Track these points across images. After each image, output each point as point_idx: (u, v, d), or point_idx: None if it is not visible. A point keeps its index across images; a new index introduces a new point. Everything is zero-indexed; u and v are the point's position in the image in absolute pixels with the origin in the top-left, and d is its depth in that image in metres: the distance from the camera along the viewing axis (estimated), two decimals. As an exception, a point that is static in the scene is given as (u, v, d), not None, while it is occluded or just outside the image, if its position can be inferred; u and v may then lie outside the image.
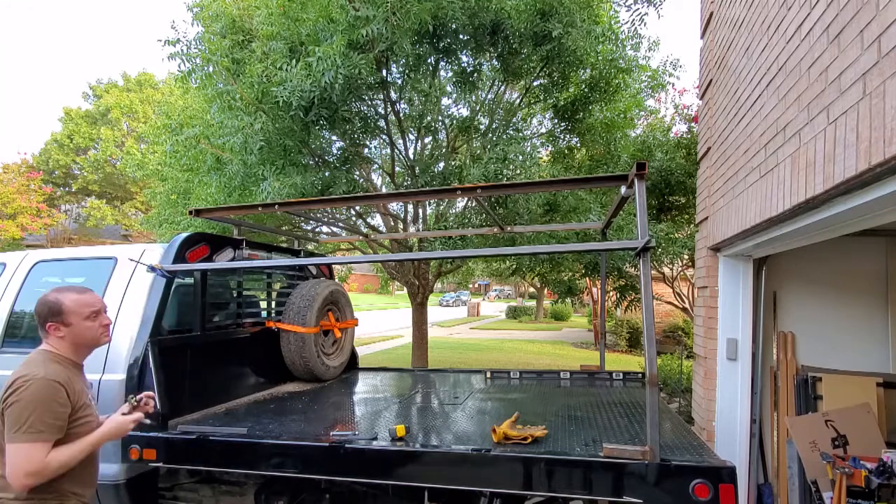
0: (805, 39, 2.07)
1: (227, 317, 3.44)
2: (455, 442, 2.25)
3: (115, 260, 2.93)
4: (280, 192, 5.09)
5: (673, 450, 2.02)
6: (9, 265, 3.16)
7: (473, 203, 6.77)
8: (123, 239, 21.61)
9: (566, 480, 1.94)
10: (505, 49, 5.82)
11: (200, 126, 6.18)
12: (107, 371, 2.61)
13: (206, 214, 3.17)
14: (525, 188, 3.48)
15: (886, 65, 1.44)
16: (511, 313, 27.60)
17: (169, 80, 18.71)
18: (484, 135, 6.85)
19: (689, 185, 7.50)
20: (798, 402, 3.36)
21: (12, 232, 15.72)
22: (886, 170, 1.47)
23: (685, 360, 7.24)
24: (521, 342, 16.55)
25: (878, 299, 3.47)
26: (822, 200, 1.91)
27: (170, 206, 7.49)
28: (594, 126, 6.98)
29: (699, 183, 4.21)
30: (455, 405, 2.96)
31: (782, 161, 2.26)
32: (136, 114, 20.67)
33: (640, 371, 3.73)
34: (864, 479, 2.59)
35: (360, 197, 3.25)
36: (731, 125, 3.27)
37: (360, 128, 6.36)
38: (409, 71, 5.81)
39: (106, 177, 21.34)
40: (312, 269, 4.26)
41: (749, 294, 3.52)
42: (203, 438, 2.35)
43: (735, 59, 3.22)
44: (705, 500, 1.78)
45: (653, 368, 1.89)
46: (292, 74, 4.72)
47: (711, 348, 3.67)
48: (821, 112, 1.89)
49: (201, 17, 5.55)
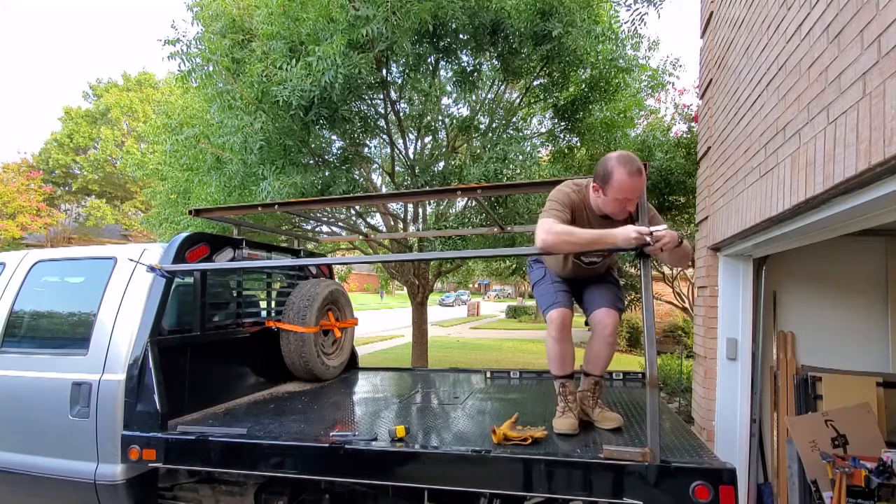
0: (805, 39, 2.07)
1: (227, 317, 3.44)
2: (455, 443, 2.25)
3: (114, 260, 2.92)
4: (280, 191, 5.09)
5: (673, 451, 2.02)
6: (8, 265, 3.15)
7: (473, 203, 6.77)
8: (123, 238, 21.60)
9: (566, 482, 1.93)
10: (505, 49, 5.81)
11: (200, 125, 6.17)
12: (106, 371, 2.61)
13: (206, 214, 3.17)
14: (525, 188, 3.48)
15: (886, 64, 1.44)
16: (511, 313, 27.61)
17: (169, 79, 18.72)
18: (484, 134, 6.85)
19: (689, 185, 7.49)
20: (798, 402, 3.36)
21: (12, 231, 15.70)
22: (886, 169, 1.47)
23: (685, 359, 7.24)
24: (521, 342, 16.55)
25: (878, 299, 3.47)
26: (822, 200, 1.91)
27: (170, 205, 7.49)
28: (594, 126, 6.98)
29: (699, 183, 4.21)
30: (455, 405, 2.96)
31: (782, 161, 2.26)
32: (136, 113, 20.64)
33: (640, 371, 3.72)
34: (864, 478, 2.59)
35: (360, 197, 3.25)
36: (731, 125, 3.26)
37: (360, 127, 6.36)
38: (409, 70, 5.80)
39: (106, 176, 21.32)
40: (312, 269, 4.25)
41: (749, 294, 3.52)
42: (203, 439, 2.35)
43: (735, 59, 3.22)
44: (705, 501, 1.78)
45: (653, 370, 1.89)
46: (292, 74, 4.72)
47: (711, 348, 3.67)
48: (821, 112, 1.88)
49: (201, 17, 5.54)
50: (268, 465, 2.29)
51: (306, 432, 2.44)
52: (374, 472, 2.17)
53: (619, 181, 2.07)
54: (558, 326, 2.35)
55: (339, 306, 3.97)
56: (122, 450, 2.43)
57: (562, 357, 2.42)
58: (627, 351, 14.03)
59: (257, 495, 2.63)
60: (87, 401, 2.59)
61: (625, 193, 2.10)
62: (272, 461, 2.27)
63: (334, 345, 3.97)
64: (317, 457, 2.21)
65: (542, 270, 2.64)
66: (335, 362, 3.88)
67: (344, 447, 2.15)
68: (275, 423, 2.59)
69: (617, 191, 2.10)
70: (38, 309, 3.05)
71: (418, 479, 2.14)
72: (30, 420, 2.74)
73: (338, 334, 3.95)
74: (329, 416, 2.79)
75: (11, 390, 2.79)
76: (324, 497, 2.60)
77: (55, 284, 3.13)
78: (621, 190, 2.09)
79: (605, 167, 2.11)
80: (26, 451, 2.72)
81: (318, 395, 3.33)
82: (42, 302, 3.06)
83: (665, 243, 1.98)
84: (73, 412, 2.61)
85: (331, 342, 3.93)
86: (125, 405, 2.54)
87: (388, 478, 2.18)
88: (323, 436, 2.34)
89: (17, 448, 2.74)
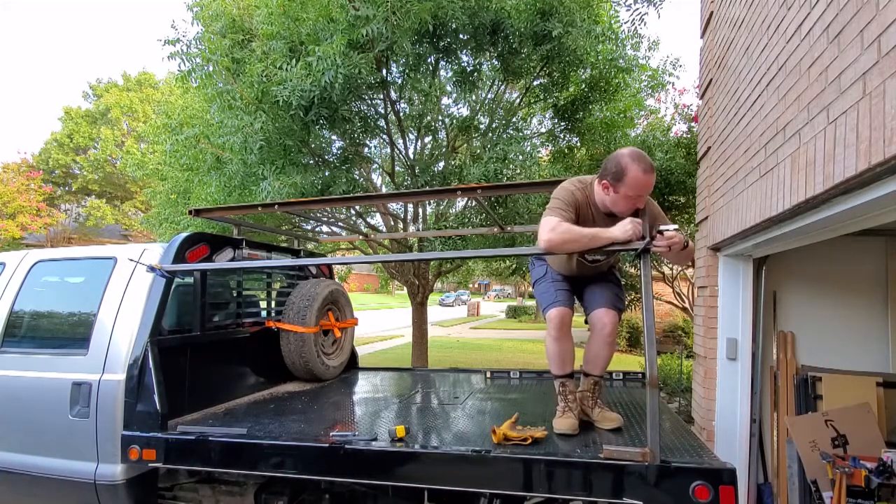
0: (805, 39, 2.07)
1: (227, 317, 3.44)
2: (455, 442, 2.25)
3: (114, 260, 2.92)
4: (280, 191, 5.09)
5: (673, 451, 2.02)
6: (8, 265, 3.15)
7: (473, 203, 6.77)
8: (123, 238, 21.60)
9: (566, 482, 1.93)
10: (505, 49, 5.81)
11: (200, 125, 6.17)
12: (106, 371, 2.61)
13: (206, 214, 3.17)
14: (525, 188, 3.48)
15: (886, 64, 1.44)
16: (511, 313, 27.61)
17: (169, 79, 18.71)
18: (484, 134, 6.85)
19: (689, 185, 7.49)
20: (798, 402, 3.36)
21: (12, 231, 15.70)
22: (886, 169, 1.47)
23: (685, 359, 7.24)
24: (521, 342, 16.55)
25: (878, 299, 3.47)
26: (822, 200, 1.91)
27: (170, 205, 7.49)
28: (594, 126, 6.98)
29: (699, 183, 4.20)
30: (455, 405, 2.96)
31: (782, 161, 2.26)
32: (136, 113, 20.64)
33: (640, 371, 3.72)
34: (864, 478, 2.59)
35: (360, 197, 3.25)
36: (731, 125, 3.26)
37: (360, 127, 6.36)
38: (409, 70, 5.80)
39: (106, 176, 21.32)
40: (312, 269, 4.25)
41: (749, 294, 3.51)
42: (203, 438, 2.35)
43: (735, 59, 3.22)
44: (705, 501, 1.78)
45: (653, 370, 1.89)
46: (292, 74, 4.72)
47: (711, 348, 3.67)
48: (821, 112, 1.88)
49: (201, 17, 5.54)
50: (268, 465, 2.29)
51: (306, 432, 2.43)
52: (374, 472, 2.17)
53: (635, 178, 2.06)
54: (557, 325, 2.35)
55: (339, 306, 3.97)
56: (122, 450, 2.43)
57: (561, 356, 2.41)
58: (627, 351, 14.03)
59: (257, 495, 2.63)
60: (87, 401, 2.59)
61: (638, 190, 2.09)
62: (272, 461, 2.27)
63: (334, 345, 3.97)
64: (317, 457, 2.21)
65: (544, 268, 2.63)
66: (335, 362, 3.88)
67: (344, 447, 2.15)
68: (275, 423, 2.59)
69: (631, 188, 2.08)
70: (39, 309, 3.05)
71: (418, 479, 2.13)
72: (30, 420, 2.74)
73: (338, 334, 3.95)
74: (329, 416, 2.79)
75: (11, 390, 2.79)
76: (324, 497, 2.60)
77: (55, 284, 3.13)
78: (636, 187, 2.07)
79: (619, 164, 2.08)
80: (26, 451, 2.72)
81: (318, 395, 3.33)
82: (42, 302, 3.06)
83: (675, 243, 1.99)
84: (73, 412, 2.61)
85: (331, 342, 3.93)
86: (125, 405, 2.54)
87: (388, 478, 2.18)
88: (323, 436, 2.34)
89: (17, 448, 2.74)
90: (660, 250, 2.03)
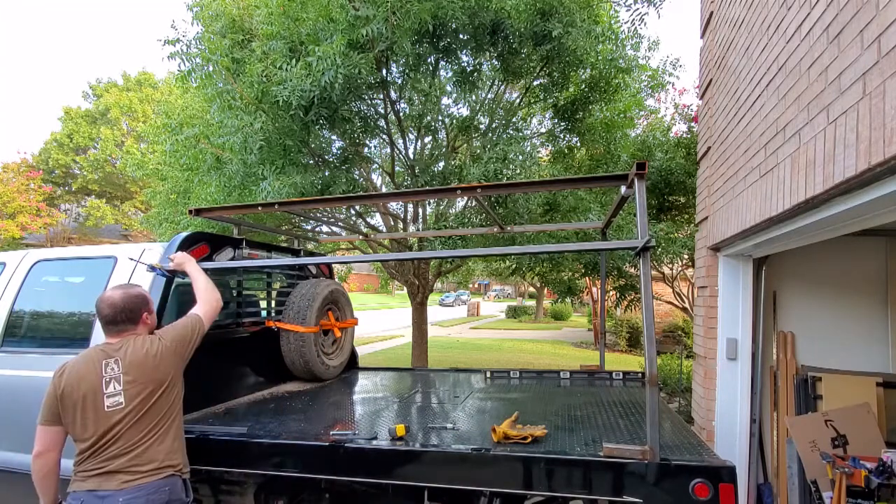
0: (805, 39, 2.07)
1: (227, 316, 3.44)
2: (455, 441, 2.25)
3: (114, 259, 2.92)
4: (280, 191, 5.09)
5: (673, 449, 2.02)
6: (8, 264, 3.15)
7: (473, 203, 6.77)
8: (123, 238, 21.60)
9: (566, 480, 1.94)
10: (505, 49, 5.82)
11: (200, 125, 6.18)
12: (107, 370, 2.61)
13: (206, 214, 3.16)
14: (525, 188, 3.48)
15: (886, 65, 1.44)
16: (511, 313, 27.60)
17: (169, 79, 18.72)
18: (484, 134, 6.85)
19: (689, 185, 7.50)
20: (798, 402, 3.36)
21: (12, 231, 15.70)
22: (886, 170, 1.47)
23: (685, 359, 7.25)
24: (520, 342, 16.55)
25: (878, 299, 3.47)
26: (822, 200, 1.91)
27: (169, 205, 7.49)
28: (594, 126, 6.99)
29: (699, 183, 4.21)
30: (455, 405, 2.96)
31: (782, 161, 2.26)
32: (136, 113, 20.64)
33: (640, 371, 3.73)
34: (864, 478, 2.59)
35: (359, 197, 3.25)
36: (731, 125, 3.27)
37: (360, 127, 6.36)
38: (409, 70, 5.81)
39: (106, 176, 21.31)
40: (312, 269, 4.25)
41: (749, 294, 3.52)
42: (203, 438, 2.35)
43: (735, 59, 3.22)
44: (705, 499, 1.78)
45: (653, 368, 1.89)
46: (292, 74, 4.72)
47: (711, 348, 3.67)
48: (821, 112, 1.89)
49: (201, 17, 5.54)
50: (268, 465, 2.29)
51: (306, 431, 2.44)
52: (374, 470, 2.17)
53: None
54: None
55: (339, 306, 3.97)
56: (123, 449, 2.42)
57: None
58: (627, 351, 14.03)
59: (257, 495, 2.63)
60: (88, 400, 2.58)
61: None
62: (272, 460, 2.28)
63: (334, 345, 3.97)
64: (317, 456, 2.21)
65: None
66: (335, 362, 3.88)
67: (344, 446, 2.15)
68: (275, 423, 2.60)
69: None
70: (39, 308, 3.05)
71: (418, 477, 2.14)
72: (31, 420, 2.73)
73: (338, 334, 3.95)
74: (329, 415, 2.79)
75: (12, 390, 2.79)
76: (324, 496, 2.60)
77: (55, 284, 3.13)
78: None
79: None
80: (27, 450, 2.71)
81: (318, 395, 3.33)
82: (42, 301, 3.06)
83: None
84: (74, 411, 2.60)
85: (331, 342, 3.93)
86: (125, 404, 2.53)
87: (388, 477, 2.18)
88: (323, 435, 2.34)
89: (17, 448, 2.74)
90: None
